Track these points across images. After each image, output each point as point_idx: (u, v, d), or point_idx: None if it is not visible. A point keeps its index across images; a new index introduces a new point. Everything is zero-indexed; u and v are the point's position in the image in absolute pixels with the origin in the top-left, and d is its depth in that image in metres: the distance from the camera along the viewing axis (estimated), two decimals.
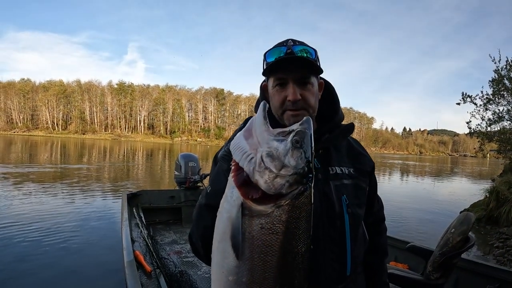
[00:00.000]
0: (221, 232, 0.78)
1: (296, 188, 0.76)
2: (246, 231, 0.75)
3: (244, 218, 0.75)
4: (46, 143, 46.39)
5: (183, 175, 6.39)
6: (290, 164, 0.75)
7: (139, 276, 2.85)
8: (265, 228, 0.75)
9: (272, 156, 0.76)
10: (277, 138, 0.79)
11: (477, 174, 32.60)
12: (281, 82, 1.09)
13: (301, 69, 1.07)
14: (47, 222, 7.05)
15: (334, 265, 1.11)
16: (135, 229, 4.34)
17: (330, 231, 1.11)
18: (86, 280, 4.47)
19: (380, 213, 1.41)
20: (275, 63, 1.06)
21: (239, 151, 0.80)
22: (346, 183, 1.17)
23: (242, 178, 0.76)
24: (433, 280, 2.65)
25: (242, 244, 0.75)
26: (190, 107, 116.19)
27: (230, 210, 0.77)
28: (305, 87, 1.08)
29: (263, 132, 0.80)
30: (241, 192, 0.75)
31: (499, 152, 13.26)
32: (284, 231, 0.75)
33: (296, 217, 0.76)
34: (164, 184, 13.43)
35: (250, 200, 0.75)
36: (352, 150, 1.28)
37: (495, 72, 11.78)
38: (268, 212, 0.75)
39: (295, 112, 1.08)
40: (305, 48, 1.09)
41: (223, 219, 0.78)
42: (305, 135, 0.79)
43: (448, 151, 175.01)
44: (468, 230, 2.59)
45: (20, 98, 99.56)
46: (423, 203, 12.57)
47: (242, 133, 0.84)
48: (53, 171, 16.31)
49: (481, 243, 6.85)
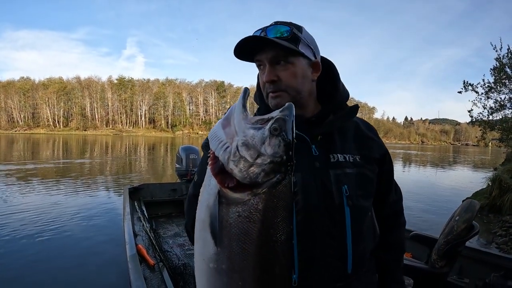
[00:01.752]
0: (201, 220, 0.78)
1: (273, 176, 0.74)
2: (223, 219, 0.75)
3: (221, 206, 0.74)
4: (48, 141, 46.48)
5: (184, 168, 6.37)
6: (267, 153, 0.74)
7: (142, 270, 2.85)
8: (242, 216, 0.74)
9: (247, 145, 0.74)
10: (254, 126, 0.76)
11: (479, 162, 32.52)
12: (259, 64, 1.08)
13: (274, 49, 1.02)
14: (49, 216, 7.07)
15: (332, 262, 1.03)
16: (137, 223, 4.34)
17: (328, 225, 1.02)
18: (88, 274, 4.47)
19: (398, 205, 1.30)
20: (239, 46, 1.02)
21: (216, 140, 0.79)
22: (349, 172, 1.07)
23: (219, 167, 0.75)
24: (438, 268, 2.64)
25: (220, 232, 0.74)
26: (190, 100, 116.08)
27: (208, 198, 0.76)
28: (281, 67, 1.04)
29: (241, 121, 0.77)
30: (217, 180, 0.74)
31: (501, 141, 13.22)
32: (261, 220, 0.74)
33: (274, 206, 0.75)
34: (167, 177, 13.44)
35: (226, 189, 0.74)
36: (360, 134, 1.18)
37: (497, 60, 11.70)
38: (245, 200, 0.74)
39: (274, 93, 1.05)
40: (277, 27, 1.04)
41: (203, 208, 0.78)
42: (285, 122, 0.76)
43: (450, 140, 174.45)
44: (472, 217, 2.58)
45: (20, 97, 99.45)
46: (425, 192, 12.54)
47: (220, 122, 0.82)
48: (55, 167, 16.34)
49: (484, 232, 6.82)
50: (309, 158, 1.06)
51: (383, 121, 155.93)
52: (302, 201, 1.00)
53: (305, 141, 1.07)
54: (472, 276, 3.20)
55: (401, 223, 1.31)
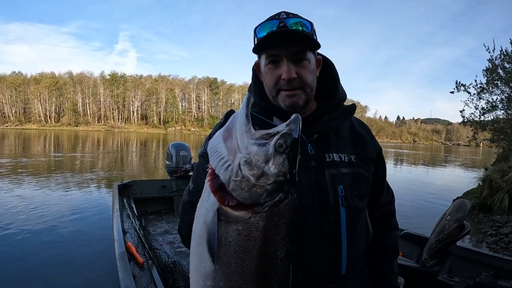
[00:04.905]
0: (198, 235, 0.75)
1: (276, 196, 0.71)
2: (222, 237, 0.71)
3: (220, 223, 0.71)
4: (39, 136, 46.04)
5: (174, 164, 6.38)
6: (271, 172, 0.70)
7: (131, 268, 2.81)
8: (242, 235, 0.71)
9: (250, 164, 0.70)
10: (258, 142, 0.72)
11: (470, 162, 32.80)
12: (274, 59, 1.00)
13: (296, 44, 0.97)
14: (36, 213, 6.99)
15: (326, 262, 1.01)
16: (126, 220, 4.29)
17: (322, 225, 1.00)
18: (76, 273, 4.42)
19: (390, 206, 1.28)
20: (266, 38, 0.97)
21: (216, 156, 0.74)
22: (345, 172, 1.05)
23: (218, 184, 0.71)
24: (429, 267, 2.63)
25: (218, 249, 0.71)
26: (183, 96, 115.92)
27: (206, 214, 0.72)
28: (300, 64, 0.98)
29: (244, 135, 0.73)
30: (217, 197, 0.71)
31: (492, 141, 13.42)
32: (262, 238, 0.71)
33: (275, 224, 0.72)
34: (158, 174, 13.39)
35: (226, 206, 0.70)
36: (355, 134, 1.16)
37: (489, 61, 11.86)
38: (245, 219, 0.70)
39: (291, 91, 1.00)
40: (300, 21, 0.98)
41: (200, 223, 0.74)
42: (291, 138, 0.73)
43: (442, 140, 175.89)
44: (464, 217, 2.57)
45: (11, 92, 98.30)
46: (416, 191, 12.60)
47: (221, 133, 0.77)
48: (46, 163, 16.15)
49: (474, 231, 6.88)
50: (304, 157, 1.02)
51: (376, 120, 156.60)
52: (297, 201, 0.97)
53: (301, 140, 1.04)
54: (463, 275, 3.21)
55: (393, 225, 1.29)
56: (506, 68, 11.49)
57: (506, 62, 11.49)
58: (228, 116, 0.88)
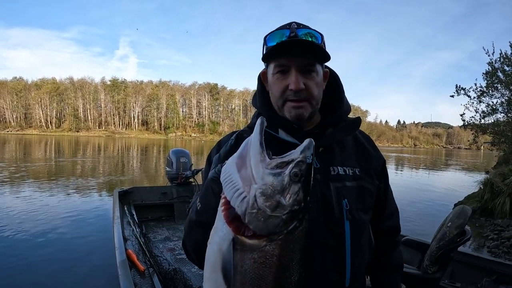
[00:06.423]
0: (212, 262, 0.74)
1: (291, 224, 0.71)
2: (238, 264, 0.71)
3: (235, 252, 0.71)
4: (40, 142, 46.09)
5: (174, 171, 6.36)
6: (286, 202, 0.70)
7: (132, 275, 2.80)
8: (258, 262, 0.71)
9: (266, 195, 0.69)
10: (273, 172, 0.71)
11: (471, 166, 32.72)
12: (283, 69, 0.99)
13: (306, 55, 0.97)
14: (38, 219, 6.99)
15: (330, 275, 1.01)
16: (127, 227, 4.29)
17: (327, 238, 1.00)
18: (77, 281, 4.41)
19: (394, 221, 1.26)
20: (277, 47, 0.96)
21: (231, 187, 0.73)
22: (349, 186, 1.05)
23: (233, 214, 0.71)
24: (431, 274, 2.63)
25: (234, 276, 0.71)
26: (184, 102, 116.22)
27: (221, 243, 0.72)
28: (309, 76, 0.98)
29: (258, 164, 0.72)
30: (232, 228, 0.71)
31: (493, 144, 13.38)
32: (277, 264, 0.72)
33: (290, 250, 0.73)
34: (159, 180, 13.36)
35: (242, 236, 0.70)
36: (359, 147, 1.15)
37: (489, 64, 11.86)
38: (261, 247, 0.71)
39: (297, 103, 0.99)
40: (311, 32, 0.98)
41: (214, 251, 0.74)
42: (306, 166, 0.72)
43: (442, 143, 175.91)
44: (464, 223, 2.57)
45: (12, 97, 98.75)
46: (417, 195, 12.57)
47: (234, 161, 0.76)
48: (47, 169, 16.16)
49: (476, 235, 6.86)
50: None
51: (376, 124, 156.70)
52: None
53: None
54: (464, 280, 3.20)
55: (397, 241, 1.28)
56: (506, 71, 11.49)
57: (506, 65, 11.50)
58: (239, 140, 0.87)
